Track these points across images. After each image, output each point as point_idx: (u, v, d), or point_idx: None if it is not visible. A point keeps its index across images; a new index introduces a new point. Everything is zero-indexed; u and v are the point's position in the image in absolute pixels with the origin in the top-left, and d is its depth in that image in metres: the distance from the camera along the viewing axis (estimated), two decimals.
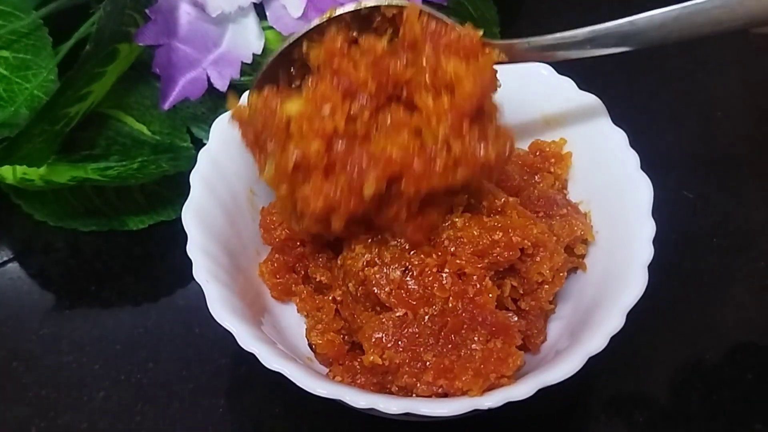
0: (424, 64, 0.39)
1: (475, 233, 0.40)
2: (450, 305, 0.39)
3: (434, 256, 0.40)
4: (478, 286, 0.40)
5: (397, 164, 0.37)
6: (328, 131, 0.38)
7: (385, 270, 0.40)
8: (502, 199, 0.42)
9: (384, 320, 0.40)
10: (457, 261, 0.40)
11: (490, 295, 0.39)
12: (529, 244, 0.41)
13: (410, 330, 0.39)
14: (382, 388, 0.41)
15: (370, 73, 0.39)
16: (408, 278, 0.40)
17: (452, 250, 0.40)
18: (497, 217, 0.41)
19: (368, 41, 0.40)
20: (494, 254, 0.40)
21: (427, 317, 0.39)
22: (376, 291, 0.40)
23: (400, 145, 0.37)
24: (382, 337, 0.39)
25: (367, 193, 0.37)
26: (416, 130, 0.38)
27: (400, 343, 0.39)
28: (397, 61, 0.39)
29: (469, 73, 0.38)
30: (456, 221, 0.41)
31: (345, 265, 0.42)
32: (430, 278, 0.40)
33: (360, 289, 0.41)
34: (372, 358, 0.39)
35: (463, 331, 0.39)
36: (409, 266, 0.40)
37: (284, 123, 0.39)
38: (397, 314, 0.39)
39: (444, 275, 0.40)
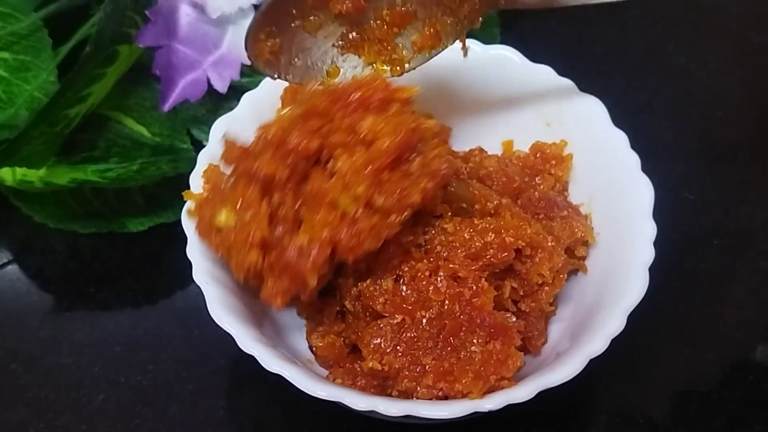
0: (338, 128, 0.38)
1: (467, 236, 0.40)
2: (447, 308, 0.39)
3: (425, 261, 0.40)
4: (474, 288, 0.39)
5: (326, 246, 0.37)
6: (258, 240, 0.38)
7: (377, 282, 0.40)
8: (495, 202, 0.42)
9: (382, 326, 0.39)
10: (450, 265, 0.40)
11: (487, 297, 0.39)
12: (524, 244, 0.41)
13: (408, 334, 0.39)
14: (383, 391, 0.41)
15: (277, 163, 0.38)
16: (401, 285, 0.40)
17: (444, 255, 0.40)
18: (489, 219, 0.41)
19: (267, 129, 0.39)
20: (488, 256, 0.40)
21: (424, 321, 0.39)
22: (371, 303, 0.40)
23: (320, 223, 0.37)
24: (381, 342, 0.39)
25: (312, 285, 0.38)
26: (332, 201, 0.38)
27: (399, 348, 0.39)
28: (303, 136, 0.38)
29: (387, 129, 0.38)
30: (446, 227, 0.41)
31: (338, 283, 0.42)
32: (424, 283, 0.40)
33: (357, 304, 0.42)
34: (371, 364, 0.39)
35: (461, 334, 0.39)
36: (401, 273, 0.40)
37: (219, 235, 0.40)
38: (395, 321, 0.39)
39: (439, 278, 0.40)
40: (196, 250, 0.41)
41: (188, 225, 0.42)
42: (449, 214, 0.41)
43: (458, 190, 0.42)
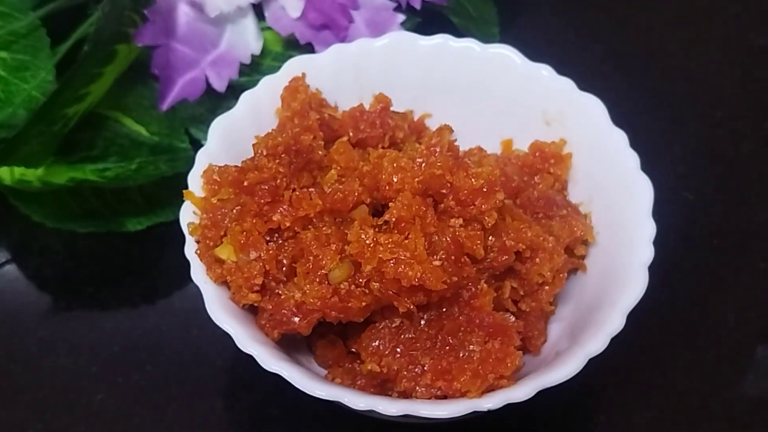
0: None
1: None
2: (445, 309, 0.39)
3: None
4: (473, 289, 0.39)
5: (317, 312, 0.38)
6: (259, 284, 0.39)
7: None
8: None
9: (380, 328, 0.39)
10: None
11: (486, 298, 0.39)
12: (524, 247, 0.41)
13: (407, 335, 0.39)
14: (382, 391, 0.41)
15: (289, 220, 0.39)
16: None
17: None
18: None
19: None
20: (488, 259, 0.40)
21: (423, 322, 0.39)
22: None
23: (312, 294, 0.38)
24: (379, 345, 0.39)
25: (305, 334, 0.40)
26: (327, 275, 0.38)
27: (397, 349, 0.39)
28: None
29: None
30: None
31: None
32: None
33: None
34: (370, 366, 0.39)
35: (460, 334, 0.39)
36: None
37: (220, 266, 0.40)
38: (394, 324, 0.39)
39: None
40: (194, 251, 0.41)
41: (186, 221, 0.42)
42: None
43: None
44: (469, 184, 0.38)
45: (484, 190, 0.38)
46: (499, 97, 0.49)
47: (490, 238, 0.40)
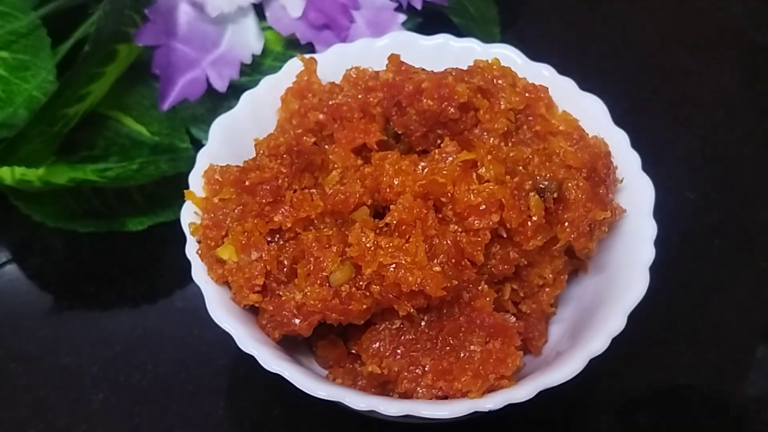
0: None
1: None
2: (446, 310, 0.39)
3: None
4: (474, 290, 0.39)
5: (318, 314, 0.38)
6: (260, 285, 0.39)
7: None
8: None
9: (381, 330, 0.39)
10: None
11: (487, 299, 0.39)
12: (527, 262, 0.41)
13: (407, 337, 0.39)
14: (384, 391, 0.41)
15: (291, 220, 0.40)
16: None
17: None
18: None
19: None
20: (489, 267, 0.40)
21: (423, 323, 0.39)
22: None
23: (313, 296, 0.38)
24: (380, 346, 0.39)
25: (306, 335, 0.40)
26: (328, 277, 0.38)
27: (398, 350, 0.39)
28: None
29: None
30: None
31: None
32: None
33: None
34: (371, 368, 0.39)
35: (461, 334, 0.39)
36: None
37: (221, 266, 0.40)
38: (394, 326, 0.39)
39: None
40: (195, 251, 0.41)
41: (188, 221, 0.42)
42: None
43: None
44: (467, 199, 0.38)
45: (481, 208, 0.38)
46: None
47: (496, 245, 0.40)
